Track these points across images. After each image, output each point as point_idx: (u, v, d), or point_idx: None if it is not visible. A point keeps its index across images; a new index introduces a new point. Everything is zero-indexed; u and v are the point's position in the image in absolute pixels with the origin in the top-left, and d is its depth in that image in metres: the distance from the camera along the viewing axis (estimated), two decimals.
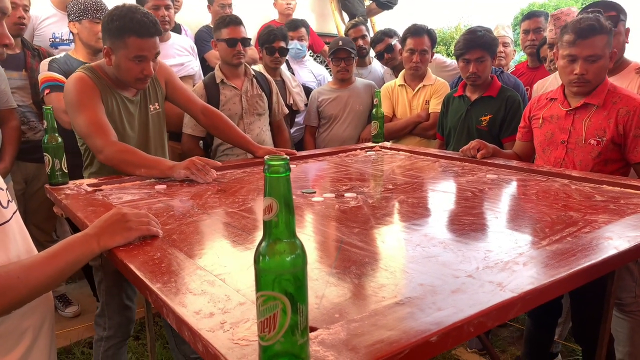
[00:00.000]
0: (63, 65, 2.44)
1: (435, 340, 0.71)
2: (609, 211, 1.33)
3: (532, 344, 2.13)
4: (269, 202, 0.57)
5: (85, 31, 2.45)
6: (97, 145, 1.76)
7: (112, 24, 1.78)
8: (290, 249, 0.59)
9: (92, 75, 1.87)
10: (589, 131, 1.83)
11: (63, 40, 2.92)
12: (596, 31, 1.76)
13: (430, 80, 2.95)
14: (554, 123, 1.95)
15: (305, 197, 1.56)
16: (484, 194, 1.55)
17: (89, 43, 2.48)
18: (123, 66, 1.82)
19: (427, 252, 1.07)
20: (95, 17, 2.43)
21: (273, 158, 0.57)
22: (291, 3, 4.07)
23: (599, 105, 1.83)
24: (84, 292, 3.05)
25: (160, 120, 2.08)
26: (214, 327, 0.73)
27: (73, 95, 1.82)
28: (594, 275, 0.98)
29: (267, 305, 0.59)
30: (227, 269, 0.99)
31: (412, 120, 2.93)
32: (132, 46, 1.78)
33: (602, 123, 1.81)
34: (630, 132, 1.77)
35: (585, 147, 1.84)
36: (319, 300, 0.85)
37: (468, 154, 2.09)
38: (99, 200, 1.48)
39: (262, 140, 2.74)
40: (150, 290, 0.87)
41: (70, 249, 0.97)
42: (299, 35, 3.51)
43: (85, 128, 1.78)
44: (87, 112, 1.79)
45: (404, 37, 2.94)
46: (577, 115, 1.88)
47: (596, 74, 1.81)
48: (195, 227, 1.25)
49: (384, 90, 3.07)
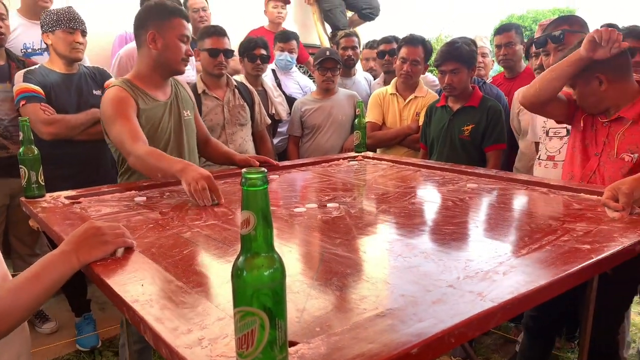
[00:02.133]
0: (39, 76, 2.41)
1: (416, 352, 0.71)
2: (586, 219, 1.34)
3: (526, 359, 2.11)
4: (246, 215, 0.56)
5: (60, 42, 2.41)
6: (126, 150, 1.82)
7: (157, 9, 1.95)
8: (269, 263, 0.58)
9: (126, 86, 1.95)
10: (621, 145, 1.74)
11: (35, 50, 2.87)
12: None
13: (422, 92, 2.96)
14: (592, 133, 1.85)
15: (288, 208, 1.55)
16: (464, 203, 1.56)
17: (63, 54, 2.44)
18: (172, 45, 1.94)
19: (408, 262, 1.07)
20: (69, 26, 2.39)
21: (250, 171, 0.56)
22: (282, 12, 4.09)
23: (634, 120, 1.73)
24: (61, 308, 2.98)
25: (191, 127, 2.15)
26: (192, 343, 0.72)
27: (107, 109, 1.90)
28: (573, 283, 0.99)
29: (245, 321, 0.58)
30: (206, 283, 0.97)
31: (402, 131, 2.94)
32: (180, 26, 1.94)
33: (635, 138, 1.71)
34: None
35: (616, 162, 1.74)
36: (300, 314, 0.84)
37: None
38: (76, 213, 1.45)
39: (244, 150, 2.74)
40: (128, 306, 0.86)
41: (52, 267, 0.96)
42: (290, 48, 3.52)
43: (117, 136, 1.86)
44: (120, 121, 1.86)
45: (399, 45, 2.95)
46: (612, 128, 1.78)
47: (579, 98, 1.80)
48: (175, 240, 1.23)
49: (375, 96, 3.07)
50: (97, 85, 2.59)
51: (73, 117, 2.43)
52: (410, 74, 2.89)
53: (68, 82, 2.50)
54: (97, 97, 2.56)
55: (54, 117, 2.38)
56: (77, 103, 2.49)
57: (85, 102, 2.50)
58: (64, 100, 2.46)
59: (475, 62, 2.55)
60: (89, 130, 2.46)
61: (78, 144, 2.46)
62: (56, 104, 2.43)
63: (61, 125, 2.39)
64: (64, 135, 2.41)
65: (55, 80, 2.46)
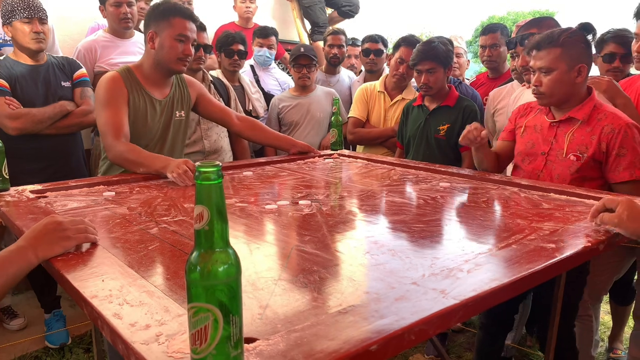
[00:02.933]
0: (3, 68, 2.35)
1: (376, 349, 0.70)
2: (554, 218, 1.36)
3: (482, 355, 2.14)
4: (199, 210, 0.55)
5: (19, 32, 2.34)
6: (107, 143, 1.89)
7: (157, 9, 1.97)
8: (223, 259, 0.57)
9: (126, 74, 2.00)
10: (571, 146, 1.80)
11: (7, 41, 2.80)
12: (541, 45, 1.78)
13: (410, 94, 2.92)
14: (537, 133, 1.92)
15: (259, 204, 1.54)
16: (436, 202, 1.57)
17: (24, 45, 2.37)
18: (167, 45, 1.96)
19: (375, 259, 1.07)
20: (24, 16, 2.30)
21: (204, 164, 0.55)
22: (250, 6, 4.05)
23: (583, 121, 1.79)
24: (30, 304, 2.92)
25: (182, 127, 2.20)
26: (149, 339, 0.70)
27: (100, 94, 1.95)
28: (537, 281, 1.00)
29: (198, 317, 0.57)
30: (169, 279, 0.96)
31: (386, 132, 2.93)
32: (177, 25, 1.95)
33: (585, 139, 1.78)
34: (613, 150, 1.73)
35: (564, 161, 1.81)
36: (263, 311, 0.83)
37: (470, 137, 1.94)
38: (40, 207, 1.41)
39: (220, 146, 2.71)
40: (86, 301, 0.84)
41: (7, 264, 0.93)
42: (269, 44, 3.49)
43: (102, 126, 1.91)
44: (108, 111, 1.91)
45: (398, 44, 2.91)
46: (560, 128, 1.85)
47: (549, 86, 1.79)
48: (141, 236, 1.21)
49: (361, 91, 3.03)
50: (66, 76, 2.52)
51: (39, 111, 2.37)
52: (405, 75, 2.88)
53: (34, 73, 2.43)
54: (66, 88, 2.50)
55: (19, 111, 2.32)
56: (44, 95, 2.43)
57: (53, 94, 2.44)
58: (31, 92, 2.39)
59: (452, 61, 2.55)
60: (57, 124, 2.42)
61: (46, 138, 2.41)
62: (22, 96, 2.36)
63: (27, 119, 2.33)
64: (30, 129, 2.35)
65: (20, 72, 2.39)
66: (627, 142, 1.72)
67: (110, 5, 2.81)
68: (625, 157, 1.72)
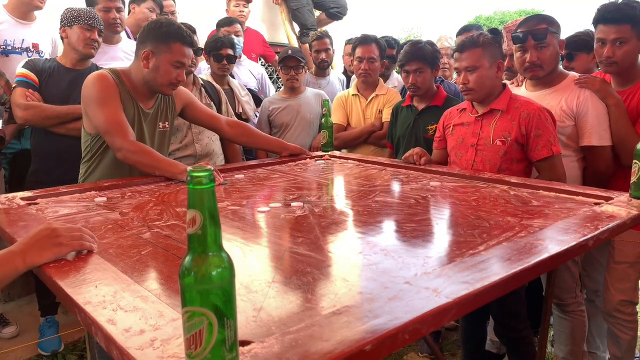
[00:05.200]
0: (38, 64, 2.49)
1: (370, 348, 0.71)
2: (544, 216, 1.38)
3: (466, 342, 2.24)
4: (192, 214, 0.56)
5: (75, 36, 2.46)
6: (116, 143, 1.85)
7: (159, 30, 1.92)
8: (216, 263, 0.58)
9: (115, 77, 1.96)
10: (496, 133, 1.99)
11: (15, 48, 2.82)
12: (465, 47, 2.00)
13: (383, 90, 2.99)
14: (465, 128, 2.10)
15: (251, 207, 1.54)
16: (426, 201, 1.58)
17: (75, 47, 2.48)
18: (162, 69, 1.93)
19: (368, 259, 1.08)
20: (87, 23, 2.45)
21: (196, 169, 0.55)
22: (244, 10, 4.05)
23: (503, 110, 1.99)
24: (23, 311, 2.90)
25: (164, 138, 2.18)
26: (144, 344, 0.70)
27: (94, 91, 1.90)
28: (527, 278, 1.02)
29: (193, 321, 0.57)
30: (163, 283, 0.96)
31: (366, 129, 2.96)
32: (176, 51, 1.92)
33: (507, 125, 1.97)
34: (531, 132, 1.92)
35: (492, 147, 1.99)
36: (257, 313, 0.83)
37: (410, 160, 2.17)
38: (31, 214, 1.41)
39: (211, 150, 2.71)
40: (79, 308, 0.84)
41: None
42: (235, 31, 3.50)
43: (106, 125, 1.86)
44: (108, 109, 1.87)
45: (354, 46, 2.98)
46: (484, 120, 2.04)
47: (476, 82, 1.98)
48: (133, 241, 1.21)
49: (338, 99, 3.09)
50: None
51: (50, 107, 2.43)
52: (368, 72, 2.91)
53: (66, 75, 2.51)
54: None
55: (30, 103, 2.40)
56: (66, 97, 2.47)
57: (74, 99, 2.45)
58: (54, 91, 2.47)
59: (439, 61, 2.59)
60: (67, 125, 2.45)
61: (60, 138, 2.46)
62: (45, 94, 2.45)
63: (35, 112, 2.40)
64: (36, 123, 2.44)
65: (52, 71, 2.50)
66: (541, 123, 1.91)
67: (100, 11, 2.80)
68: (542, 137, 1.91)
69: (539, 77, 2.10)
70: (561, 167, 1.93)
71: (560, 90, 2.08)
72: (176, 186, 1.82)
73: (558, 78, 2.11)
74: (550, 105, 2.02)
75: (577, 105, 2.02)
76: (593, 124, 2.00)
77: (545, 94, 2.11)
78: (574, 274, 2.14)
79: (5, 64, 2.75)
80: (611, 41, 1.98)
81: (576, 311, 2.16)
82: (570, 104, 2.03)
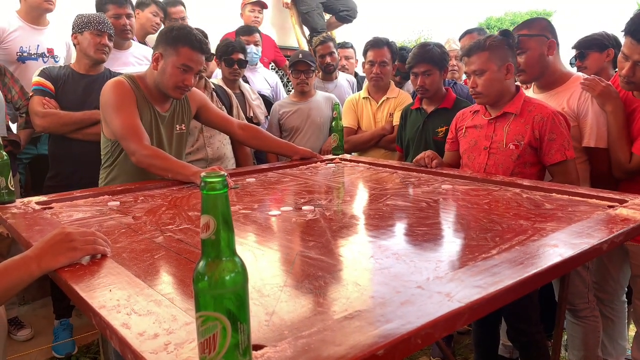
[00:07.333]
0: (53, 72, 2.52)
1: (382, 353, 0.71)
2: (557, 219, 1.37)
3: (479, 346, 2.21)
4: (206, 220, 0.56)
5: (85, 42, 2.50)
6: (130, 148, 1.89)
7: (170, 33, 1.96)
8: (230, 268, 0.58)
9: (131, 83, 2.00)
10: (509, 137, 1.98)
11: (31, 55, 2.87)
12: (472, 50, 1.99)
13: (394, 93, 2.99)
14: (477, 131, 2.10)
15: (262, 211, 1.54)
16: (438, 204, 1.58)
17: (87, 53, 2.52)
18: (168, 71, 1.96)
19: (380, 263, 1.08)
20: (97, 28, 2.48)
21: (210, 175, 0.56)
22: (259, 16, 4.08)
23: (516, 114, 1.98)
24: (37, 314, 2.94)
25: (181, 140, 2.22)
26: (158, 348, 0.71)
27: (111, 97, 1.95)
28: (540, 282, 1.01)
29: (207, 326, 0.57)
30: (176, 288, 0.96)
31: (377, 132, 2.96)
32: (183, 55, 1.94)
33: (520, 129, 1.96)
34: (545, 136, 1.91)
35: (505, 151, 1.99)
36: (269, 317, 0.84)
37: (422, 163, 2.16)
38: (46, 219, 1.42)
39: (222, 153, 2.72)
40: (94, 312, 0.85)
41: (9, 272, 0.94)
42: (255, 40, 3.52)
43: (122, 130, 1.91)
44: (124, 114, 1.92)
45: (365, 50, 2.98)
46: (497, 123, 2.03)
47: (484, 85, 1.97)
48: (147, 245, 1.22)
49: (349, 102, 3.09)
50: None
51: (67, 114, 2.47)
52: (380, 75, 2.92)
53: (81, 81, 2.55)
54: None
55: (47, 110, 2.44)
56: (82, 102, 2.51)
57: (90, 104, 2.50)
58: (70, 98, 2.51)
59: (447, 63, 2.59)
60: (85, 130, 2.48)
61: (77, 143, 2.49)
62: (61, 100, 2.50)
63: (53, 119, 2.44)
64: (54, 130, 2.48)
65: (67, 78, 2.54)
66: (555, 127, 1.90)
67: (110, 18, 2.84)
68: (556, 141, 1.90)
69: (526, 82, 2.16)
70: (575, 171, 1.92)
71: (564, 91, 2.09)
72: (188, 190, 1.84)
73: (561, 79, 2.12)
74: (554, 106, 2.02)
75: (579, 106, 2.04)
76: (592, 125, 2.02)
77: (550, 96, 2.12)
78: (584, 279, 2.12)
79: (22, 72, 2.80)
80: (635, 62, 1.89)
81: (589, 317, 2.14)
82: (572, 105, 2.05)
